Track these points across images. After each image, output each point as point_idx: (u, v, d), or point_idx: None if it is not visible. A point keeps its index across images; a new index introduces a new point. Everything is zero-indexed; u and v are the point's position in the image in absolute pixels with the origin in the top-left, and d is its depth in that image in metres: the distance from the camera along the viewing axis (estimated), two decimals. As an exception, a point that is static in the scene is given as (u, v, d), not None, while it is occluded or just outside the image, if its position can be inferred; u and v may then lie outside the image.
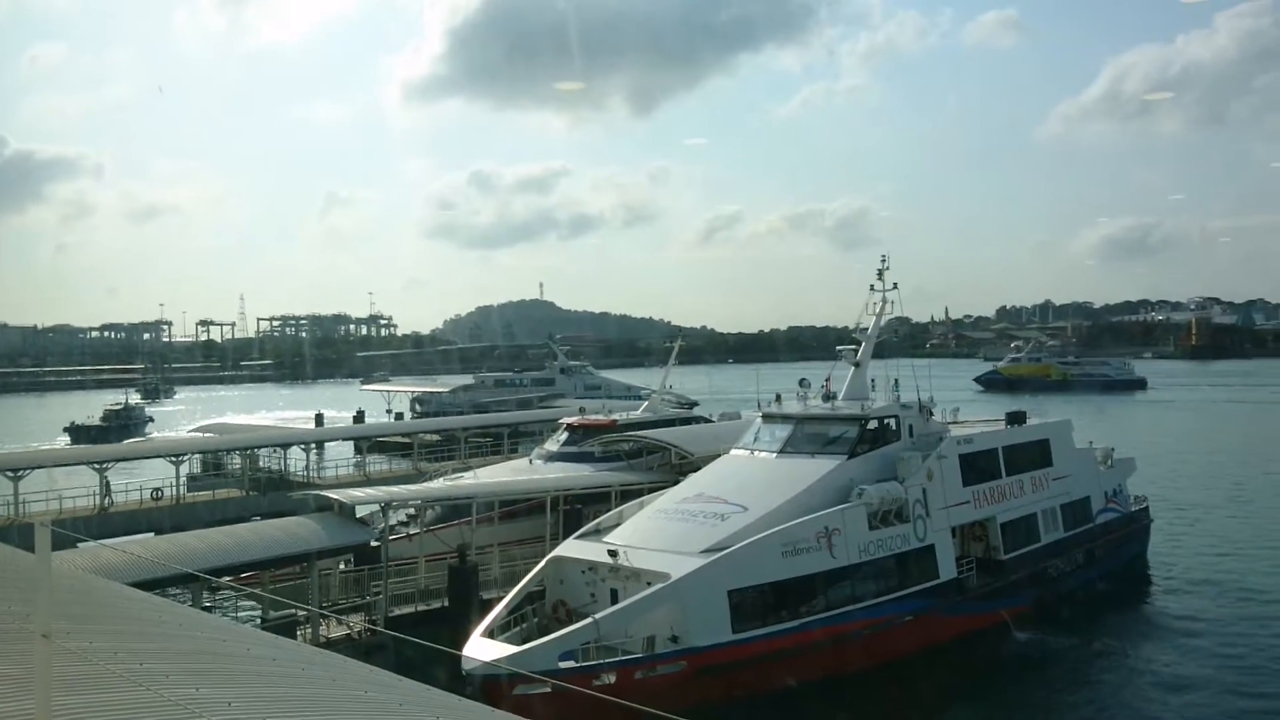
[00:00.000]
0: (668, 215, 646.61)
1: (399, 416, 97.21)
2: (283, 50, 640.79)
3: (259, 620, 26.19)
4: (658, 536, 26.52)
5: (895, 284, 34.64)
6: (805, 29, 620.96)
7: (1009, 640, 29.45)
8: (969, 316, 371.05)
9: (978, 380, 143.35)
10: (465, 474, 39.52)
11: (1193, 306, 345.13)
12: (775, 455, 30.12)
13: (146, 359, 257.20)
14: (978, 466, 31.87)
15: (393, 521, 32.31)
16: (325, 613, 26.79)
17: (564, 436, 41.01)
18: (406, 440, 60.17)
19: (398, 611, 27.80)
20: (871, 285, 34.83)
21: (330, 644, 25.17)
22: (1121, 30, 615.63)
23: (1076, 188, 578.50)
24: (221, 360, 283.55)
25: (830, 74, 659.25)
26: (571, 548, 27.34)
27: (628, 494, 32.81)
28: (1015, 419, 36.37)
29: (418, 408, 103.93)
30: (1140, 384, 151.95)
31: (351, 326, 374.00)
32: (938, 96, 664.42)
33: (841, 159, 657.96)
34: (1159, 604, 34.50)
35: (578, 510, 33.24)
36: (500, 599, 25.68)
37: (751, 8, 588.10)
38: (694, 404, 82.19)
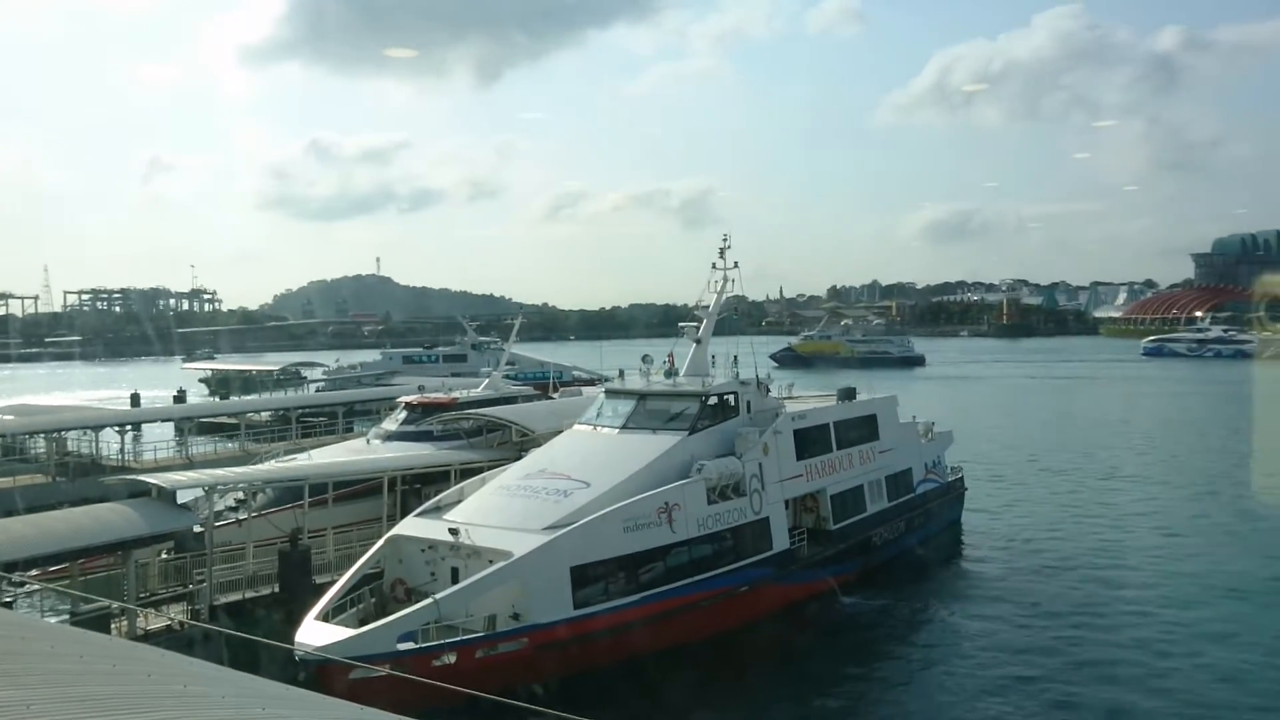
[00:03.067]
0: (513, 190, 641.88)
1: (223, 396, 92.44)
2: (104, 5, 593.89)
3: (68, 616, 24.40)
4: (500, 514, 26.31)
5: (736, 263, 35.45)
6: (657, 9, 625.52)
7: (836, 605, 30.90)
8: (802, 295, 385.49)
9: (773, 357, 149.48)
10: (298, 455, 38.01)
11: (1005, 288, 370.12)
12: (618, 431, 30.35)
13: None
14: (810, 441, 33.11)
15: (219, 506, 30.73)
16: (133, 606, 25.11)
17: (402, 415, 40.00)
18: (233, 421, 57.29)
19: (224, 599, 26.50)
20: (713, 264, 35.47)
21: (149, 637, 23.72)
22: (951, 24, 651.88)
23: (905, 173, 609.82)
24: (22, 336, 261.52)
25: (680, 54, 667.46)
26: (411, 526, 26.77)
27: (468, 473, 32.32)
28: (846, 395, 37.99)
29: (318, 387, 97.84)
30: (920, 361, 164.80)
31: (171, 301, 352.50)
32: (782, 81, 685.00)
33: (688, 139, 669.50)
34: (971, 566, 36.94)
35: (417, 490, 32.56)
36: (335, 583, 24.89)
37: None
38: (605, 378, 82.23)
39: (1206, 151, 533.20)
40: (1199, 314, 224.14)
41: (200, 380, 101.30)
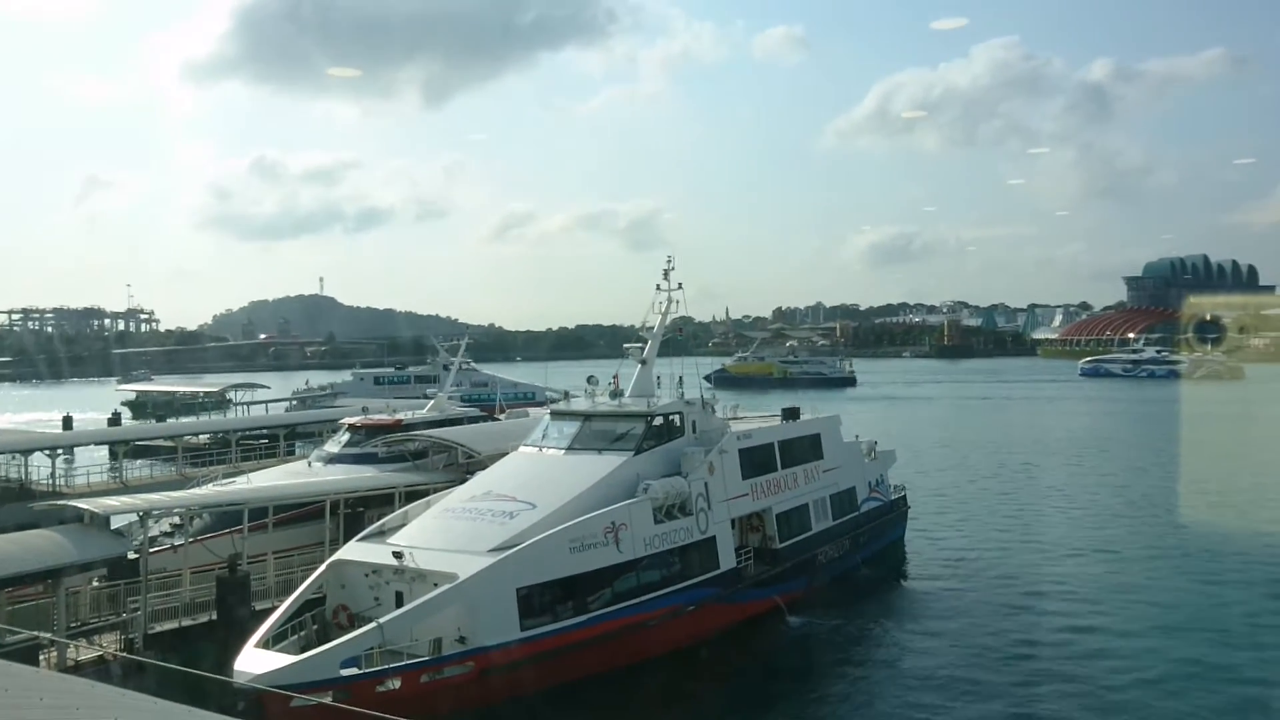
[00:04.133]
0: (461, 211, 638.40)
1: (160, 418, 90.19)
2: (40, 18, 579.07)
3: (-7, 646, 23.54)
4: (445, 536, 26.04)
5: (680, 284, 35.68)
6: (608, 34, 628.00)
7: (783, 624, 31.04)
8: (748, 316, 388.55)
9: (706, 378, 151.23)
10: (237, 478, 37.23)
11: (945, 309, 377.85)
12: (564, 452, 30.27)
13: None
14: (756, 460, 33.30)
15: (155, 532, 29.97)
16: (63, 640, 24.31)
17: (345, 437, 39.45)
18: (170, 444, 55.92)
19: (159, 628, 25.80)
20: (658, 285, 35.69)
21: (80, 669, 23.00)
22: (892, 53, 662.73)
23: (848, 197, 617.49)
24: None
25: (630, 78, 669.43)
26: (354, 550, 26.36)
27: (413, 495, 31.96)
28: (790, 414, 38.33)
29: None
30: (851, 381, 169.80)
31: (107, 321, 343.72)
32: (728, 105, 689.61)
33: (636, 161, 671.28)
34: (915, 584, 37.40)
35: (360, 514, 32.07)
36: (277, 609, 24.39)
37: (554, 10, 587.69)
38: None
39: (1135, 179, 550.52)
40: (1132, 335, 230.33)
41: (124, 404, 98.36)
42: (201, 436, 59.70)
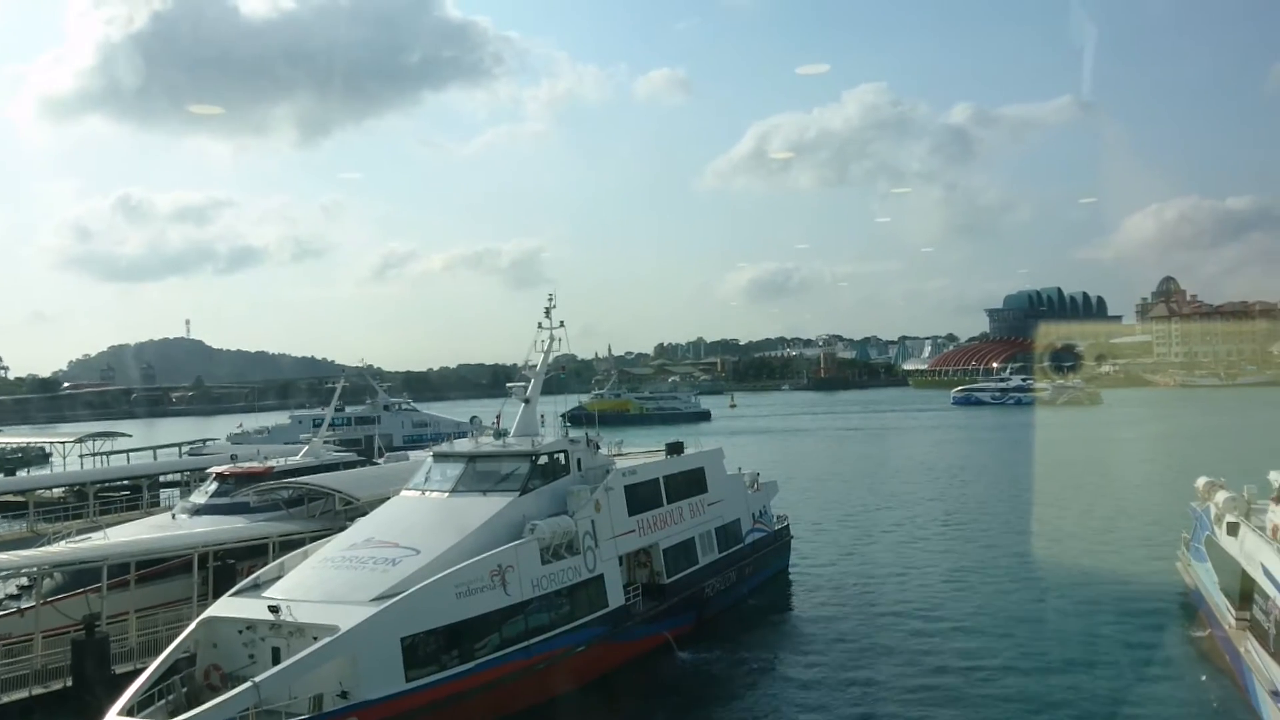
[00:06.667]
0: (339, 250, 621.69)
1: (10, 473, 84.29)
2: None
3: None
4: (324, 587, 25.07)
5: (562, 322, 35.74)
6: (493, 76, 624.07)
7: (672, 659, 31.00)
8: (630, 353, 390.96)
9: (564, 416, 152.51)
10: (93, 534, 35.09)
11: (821, 343, 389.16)
12: (447, 495, 29.69)
13: None
14: (642, 496, 33.36)
15: (1, 595, 27.91)
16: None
17: (213, 487, 37.74)
18: (20, 499, 52.36)
19: (7, 699, 23.96)
20: (540, 323, 35.60)
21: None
22: (769, 97, 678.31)
23: (727, 235, 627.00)
24: None
25: (514, 118, 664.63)
26: (226, 606, 25.07)
27: (288, 545, 30.75)
28: (674, 449, 38.61)
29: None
30: (705, 415, 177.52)
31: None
32: (612, 145, 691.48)
33: (520, 200, 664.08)
34: (801, 613, 37.89)
35: (231, 567, 30.64)
36: (141, 672, 22.95)
37: (440, 51, 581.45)
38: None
39: (995, 216, 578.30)
40: (995, 364, 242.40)
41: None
42: (55, 490, 56.27)
